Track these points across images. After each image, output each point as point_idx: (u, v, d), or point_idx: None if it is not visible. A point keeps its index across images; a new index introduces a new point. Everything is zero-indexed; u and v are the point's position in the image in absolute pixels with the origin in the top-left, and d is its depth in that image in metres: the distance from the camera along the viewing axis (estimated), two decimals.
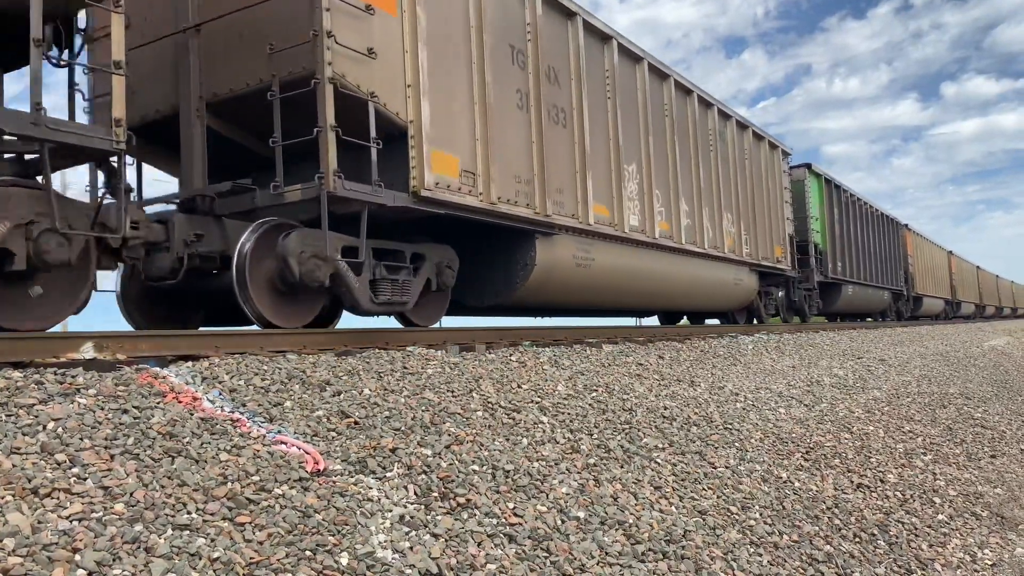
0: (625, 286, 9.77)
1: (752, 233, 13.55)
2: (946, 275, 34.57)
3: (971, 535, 5.60)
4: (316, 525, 2.75)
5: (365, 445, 3.44)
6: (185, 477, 2.74)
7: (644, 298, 10.77)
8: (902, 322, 24.64)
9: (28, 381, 3.17)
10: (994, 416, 9.62)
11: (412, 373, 4.68)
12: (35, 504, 2.37)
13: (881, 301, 23.25)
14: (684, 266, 11.18)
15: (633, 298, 10.42)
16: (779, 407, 6.83)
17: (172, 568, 2.28)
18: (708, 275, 12.04)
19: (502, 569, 2.94)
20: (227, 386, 3.73)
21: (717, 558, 3.70)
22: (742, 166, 13.47)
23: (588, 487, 3.87)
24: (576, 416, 4.79)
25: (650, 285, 10.42)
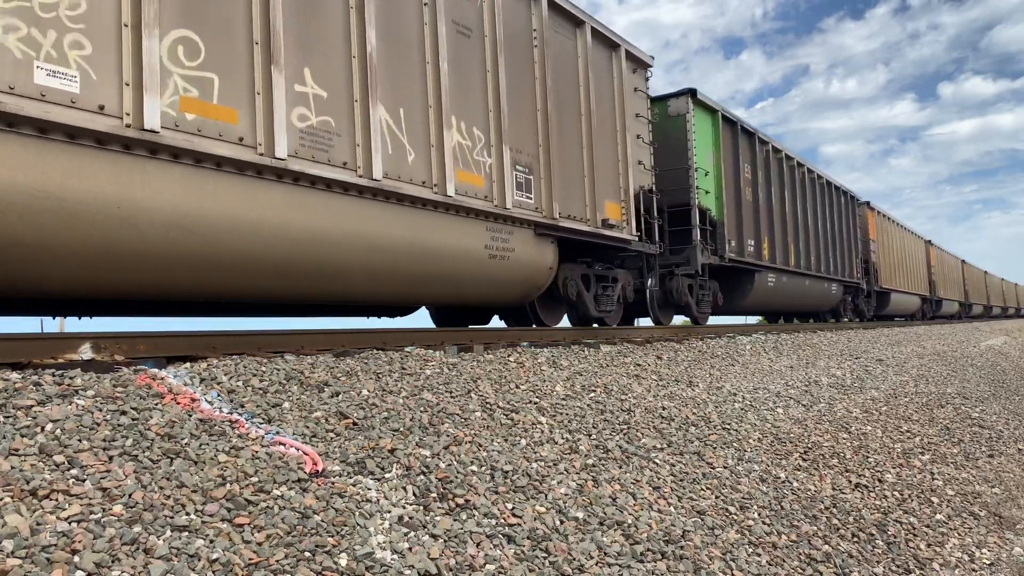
0: None
1: (556, 180, 8.08)
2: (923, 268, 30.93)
3: (969, 534, 5.61)
4: (315, 526, 2.74)
5: (364, 446, 3.44)
6: (184, 478, 2.74)
7: None
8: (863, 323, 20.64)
9: (26, 382, 3.17)
10: (992, 416, 9.63)
11: (410, 374, 4.68)
12: (33, 505, 2.37)
13: (826, 296, 18.50)
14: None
15: None
16: (777, 407, 6.83)
17: (171, 569, 2.28)
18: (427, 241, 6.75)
19: (501, 570, 2.94)
20: (225, 387, 3.73)
21: (716, 558, 3.71)
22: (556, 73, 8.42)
23: (587, 487, 3.87)
24: (574, 417, 4.79)
25: None
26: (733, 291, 13.78)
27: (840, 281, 19.38)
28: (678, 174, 11.59)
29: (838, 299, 19.59)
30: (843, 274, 19.57)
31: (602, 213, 9.01)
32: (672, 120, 11.90)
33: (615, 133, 9.52)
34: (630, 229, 9.51)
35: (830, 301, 19.12)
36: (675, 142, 11.69)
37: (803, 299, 17.02)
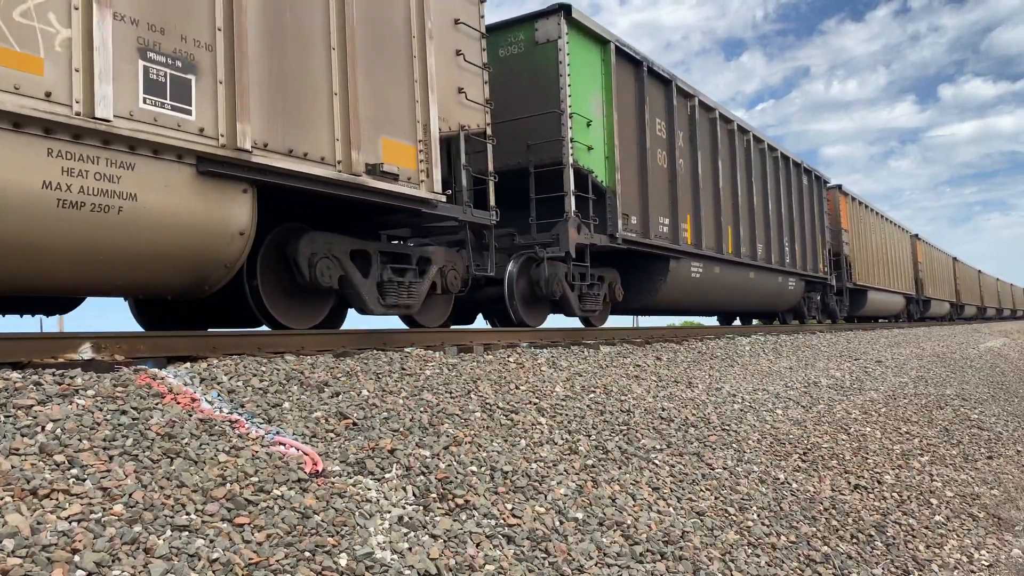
0: None
1: (257, 91, 5.23)
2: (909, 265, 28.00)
3: (968, 536, 5.62)
4: (315, 526, 2.75)
5: (364, 446, 3.44)
6: (184, 478, 2.74)
7: None
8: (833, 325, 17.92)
9: (26, 382, 3.17)
10: (990, 417, 9.64)
11: (410, 374, 4.69)
12: (34, 505, 2.37)
13: (780, 292, 15.39)
14: None
15: None
16: (776, 408, 6.84)
17: (171, 569, 2.28)
18: None
19: (500, 570, 2.94)
20: (225, 387, 3.73)
21: (715, 559, 3.71)
22: None
23: (586, 488, 3.88)
24: (574, 417, 4.79)
25: None
26: (641, 284, 10.87)
27: (800, 275, 16.33)
28: (547, 122, 8.66)
29: (798, 296, 16.53)
30: (804, 267, 16.48)
31: (372, 155, 5.99)
32: (541, 49, 8.86)
33: (408, 39, 6.49)
34: (431, 184, 6.44)
35: (786, 299, 15.98)
36: (544, 78, 8.77)
37: (747, 295, 13.89)
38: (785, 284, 15.62)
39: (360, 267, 6.32)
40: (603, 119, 9.43)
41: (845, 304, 20.40)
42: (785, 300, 16.05)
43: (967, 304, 39.67)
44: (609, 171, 9.39)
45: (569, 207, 8.62)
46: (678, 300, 11.77)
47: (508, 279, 8.34)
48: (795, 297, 16.44)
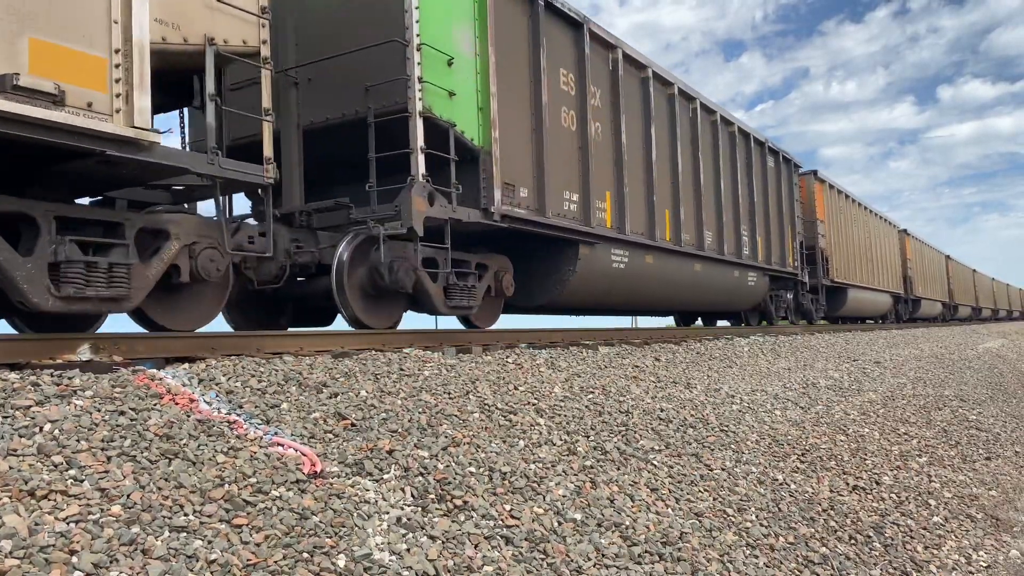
0: None
1: None
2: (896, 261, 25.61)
3: (966, 537, 5.62)
4: (313, 527, 2.75)
5: (362, 447, 3.44)
6: (182, 479, 2.74)
7: None
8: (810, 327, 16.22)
9: (25, 382, 3.17)
10: (989, 418, 9.65)
11: (409, 375, 4.69)
12: (32, 506, 2.37)
13: (736, 288, 13.05)
14: None
15: None
16: (775, 409, 6.84)
17: (169, 570, 2.28)
18: None
19: (499, 571, 2.94)
20: (224, 388, 3.73)
21: (713, 560, 3.71)
22: None
23: (585, 489, 3.88)
24: (573, 418, 4.79)
25: None
26: (545, 275, 8.69)
27: (764, 270, 14.13)
28: (388, 56, 6.56)
29: (761, 293, 14.27)
30: (769, 260, 14.22)
31: (6, 61, 3.91)
32: None
33: None
34: (130, 115, 4.40)
35: (746, 296, 13.74)
36: None
37: (694, 291, 11.74)
38: (743, 279, 13.33)
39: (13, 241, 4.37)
40: (474, 59, 7.22)
41: (822, 303, 18.10)
42: (744, 297, 13.75)
43: (961, 304, 37.67)
44: (483, 127, 7.16)
45: (417, 168, 6.43)
46: (596, 295, 9.42)
47: (337, 266, 6.33)
48: (757, 294, 14.19)
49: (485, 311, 8.06)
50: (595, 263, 8.96)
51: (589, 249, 8.84)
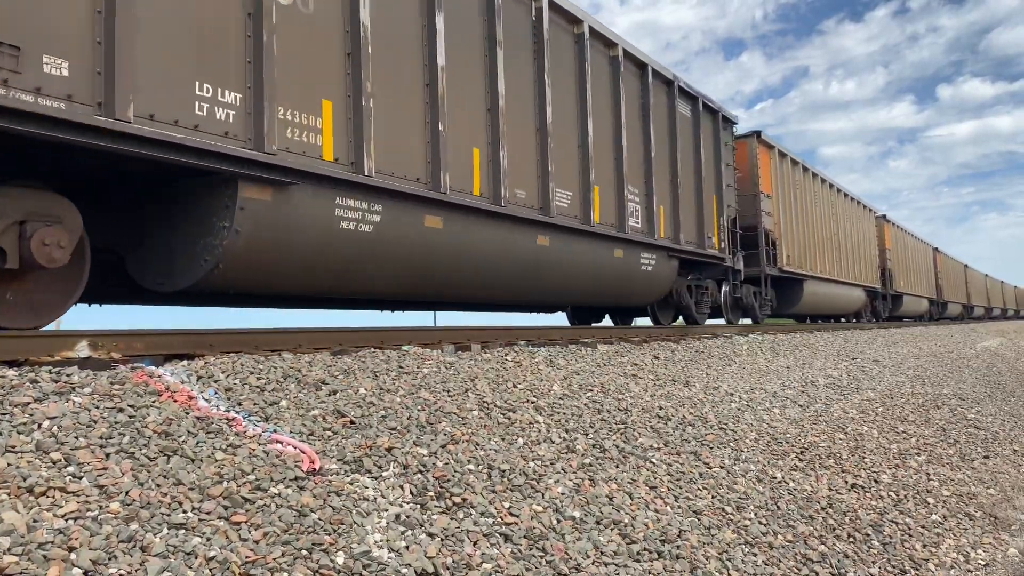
0: None
1: None
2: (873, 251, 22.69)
3: (964, 535, 5.63)
4: (312, 524, 2.75)
5: (361, 444, 3.44)
6: (181, 476, 2.73)
7: None
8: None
9: (23, 380, 3.17)
10: (987, 417, 9.66)
11: (408, 372, 4.68)
12: (30, 503, 2.37)
13: (618, 274, 9.38)
14: None
15: None
16: (774, 407, 6.84)
17: (168, 567, 2.28)
18: None
19: (498, 568, 2.94)
20: (223, 385, 3.73)
21: (712, 558, 3.71)
22: None
23: (584, 487, 3.88)
24: (572, 416, 4.79)
25: None
26: (170, 234, 5.25)
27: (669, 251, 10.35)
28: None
29: (665, 283, 10.55)
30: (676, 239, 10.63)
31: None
32: None
33: None
34: None
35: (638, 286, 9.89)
36: None
37: (537, 276, 7.99)
38: (630, 262, 9.50)
39: None
40: None
41: (767, 298, 14.50)
42: (635, 288, 9.88)
43: (951, 302, 34.77)
44: None
45: None
46: (308, 275, 5.72)
47: None
48: (659, 284, 10.35)
49: None
50: (287, 217, 5.33)
51: (259, 192, 5.13)
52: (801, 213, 16.71)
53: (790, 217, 15.89)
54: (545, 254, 7.95)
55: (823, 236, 18.17)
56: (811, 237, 17.18)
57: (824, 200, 18.63)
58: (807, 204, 17.30)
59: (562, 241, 8.22)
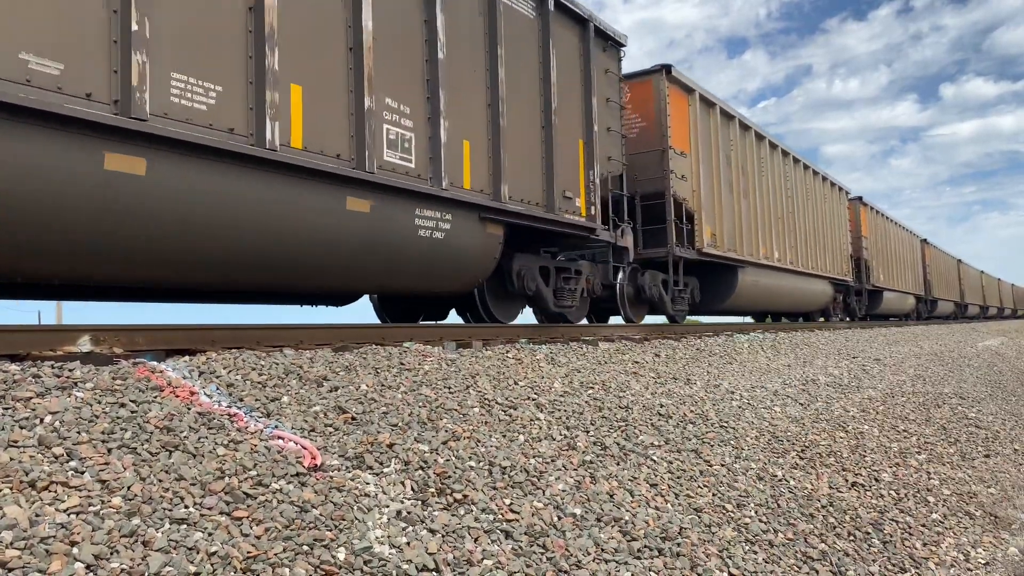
0: None
1: None
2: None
3: (965, 534, 5.63)
4: (313, 520, 2.75)
5: (362, 440, 3.44)
6: (182, 471, 2.74)
7: None
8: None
9: (25, 374, 3.17)
10: (988, 416, 9.66)
11: (409, 369, 4.69)
12: (32, 497, 2.37)
13: (344, 254, 5.90)
14: None
15: None
16: (774, 406, 6.84)
17: (169, 562, 2.28)
18: None
19: (498, 565, 2.95)
20: (224, 381, 3.73)
21: (712, 555, 3.72)
22: None
23: (584, 484, 3.88)
24: (572, 413, 4.80)
25: None
26: None
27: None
28: None
29: (479, 265, 7.19)
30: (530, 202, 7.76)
31: None
32: None
33: None
34: None
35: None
36: None
37: None
38: (389, 222, 6.18)
39: None
40: None
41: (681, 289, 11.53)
42: (405, 266, 6.49)
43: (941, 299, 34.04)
44: None
45: None
46: None
47: None
48: (464, 261, 7.06)
49: None
50: None
51: None
52: (736, 182, 12.93)
53: (717, 185, 12.22)
54: (148, 194, 4.57)
55: (771, 214, 14.66)
56: (752, 214, 13.54)
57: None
58: (748, 172, 13.62)
59: (200, 173, 4.84)
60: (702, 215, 11.63)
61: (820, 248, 17.66)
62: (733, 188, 12.95)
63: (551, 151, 8.15)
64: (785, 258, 15.29)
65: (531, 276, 8.25)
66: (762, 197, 14.24)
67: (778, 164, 15.33)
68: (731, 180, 12.90)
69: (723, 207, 12.48)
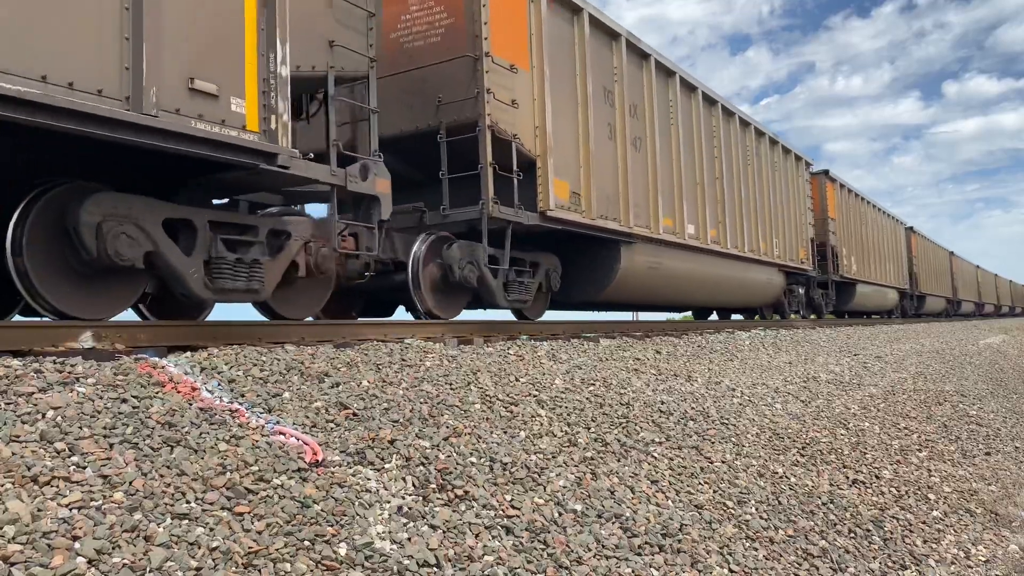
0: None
1: None
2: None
3: (965, 531, 5.63)
4: (315, 516, 2.75)
5: (363, 436, 3.45)
6: (184, 467, 2.74)
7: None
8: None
9: (27, 370, 3.18)
10: (989, 413, 9.66)
11: (410, 365, 4.69)
12: (34, 492, 2.38)
13: None
14: None
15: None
16: (775, 403, 6.84)
17: (171, 557, 2.29)
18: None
19: (499, 561, 2.95)
20: (226, 376, 3.74)
21: (713, 552, 3.72)
22: None
23: (585, 480, 3.88)
24: (573, 410, 4.80)
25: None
26: None
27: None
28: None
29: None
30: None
31: None
32: None
33: None
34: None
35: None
36: None
37: None
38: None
39: None
40: None
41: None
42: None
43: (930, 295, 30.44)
44: None
45: None
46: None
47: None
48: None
49: None
50: None
51: None
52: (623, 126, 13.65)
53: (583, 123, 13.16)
54: None
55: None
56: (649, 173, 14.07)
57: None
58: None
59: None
60: (549, 162, 7.94)
61: (767, 228, 14.13)
62: (616, 134, 9.36)
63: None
64: (706, 236, 11.58)
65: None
66: (668, 152, 10.67)
67: (699, 113, 11.72)
68: (612, 122, 9.32)
69: (594, 157, 8.75)
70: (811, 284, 17.36)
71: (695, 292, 12.09)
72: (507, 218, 7.43)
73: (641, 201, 9.82)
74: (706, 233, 11.57)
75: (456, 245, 7.21)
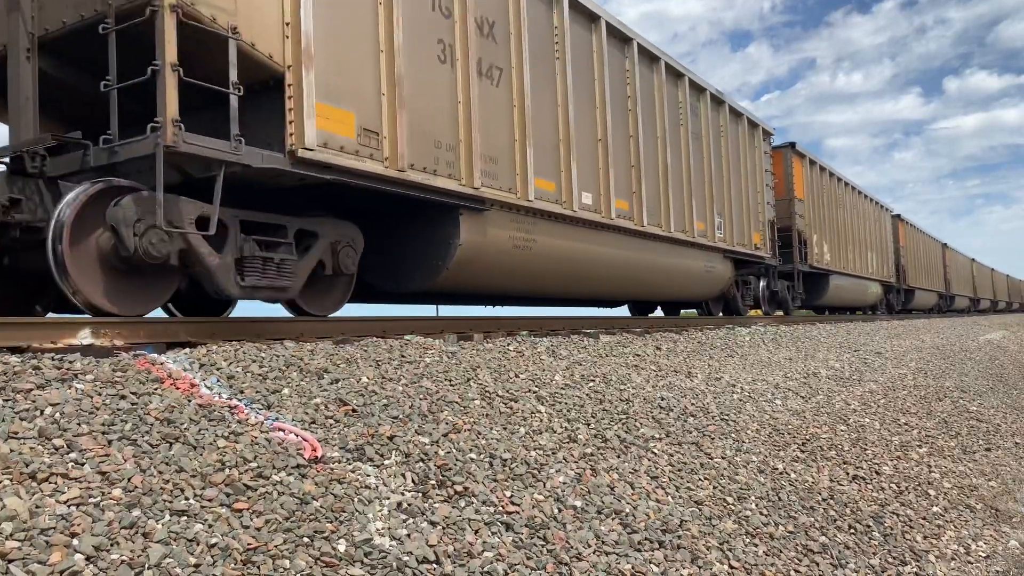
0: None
1: None
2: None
3: (965, 527, 5.63)
4: (314, 512, 2.75)
5: (363, 433, 3.44)
6: (183, 463, 2.74)
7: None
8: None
9: (25, 366, 3.17)
10: (989, 410, 9.66)
11: (410, 361, 4.68)
12: (33, 489, 2.37)
13: None
14: None
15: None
16: (776, 399, 6.84)
17: (169, 553, 2.28)
18: None
19: (499, 557, 2.95)
20: (225, 373, 3.73)
21: (713, 548, 3.72)
22: None
23: (585, 476, 3.88)
24: (573, 406, 4.79)
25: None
26: None
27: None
28: None
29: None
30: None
31: None
32: None
33: None
34: None
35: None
36: None
37: None
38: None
39: None
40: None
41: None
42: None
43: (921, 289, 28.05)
44: None
45: None
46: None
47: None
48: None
49: None
50: None
51: None
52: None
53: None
54: None
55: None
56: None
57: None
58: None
59: None
60: (308, 78, 5.21)
61: (705, 205, 11.54)
62: (455, 56, 6.66)
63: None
64: (609, 209, 8.90)
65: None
66: (548, 94, 7.96)
67: (604, 51, 8.97)
68: (448, 40, 6.59)
69: (408, 82, 6.07)
70: (771, 275, 14.76)
71: (595, 281, 9.20)
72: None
73: (500, 155, 7.09)
74: (609, 205, 8.84)
75: (129, 199, 4.50)
